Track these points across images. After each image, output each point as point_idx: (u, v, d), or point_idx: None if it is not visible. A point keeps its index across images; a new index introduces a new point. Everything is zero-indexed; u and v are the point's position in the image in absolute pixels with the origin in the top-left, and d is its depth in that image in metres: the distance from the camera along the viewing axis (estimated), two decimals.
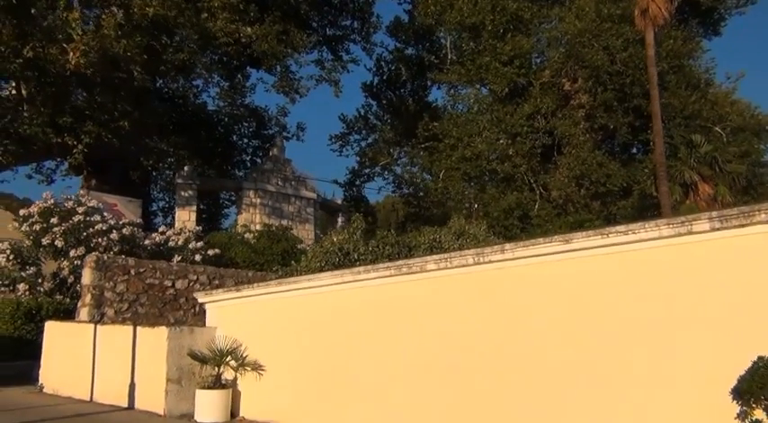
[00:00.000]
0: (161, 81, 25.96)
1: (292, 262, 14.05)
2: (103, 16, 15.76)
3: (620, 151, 27.07)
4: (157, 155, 26.43)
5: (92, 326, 10.10)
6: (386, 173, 34.69)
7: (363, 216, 32.21)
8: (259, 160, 26.50)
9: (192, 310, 11.91)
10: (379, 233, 15.37)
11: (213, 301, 9.93)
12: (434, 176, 29.66)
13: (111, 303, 11.27)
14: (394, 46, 33.09)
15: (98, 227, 13.97)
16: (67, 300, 13.51)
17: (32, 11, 14.87)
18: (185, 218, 21.07)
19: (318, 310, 8.49)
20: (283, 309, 8.98)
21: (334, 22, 29.70)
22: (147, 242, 14.81)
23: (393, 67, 33.47)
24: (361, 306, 7.94)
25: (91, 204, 15.17)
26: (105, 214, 15.12)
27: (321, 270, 13.30)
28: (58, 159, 25.74)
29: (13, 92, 20.11)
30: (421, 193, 33.37)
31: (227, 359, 8.98)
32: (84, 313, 11.12)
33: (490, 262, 6.65)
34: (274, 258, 16.62)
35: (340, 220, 24.87)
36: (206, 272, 12.63)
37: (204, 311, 10.24)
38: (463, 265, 6.84)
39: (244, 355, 8.99)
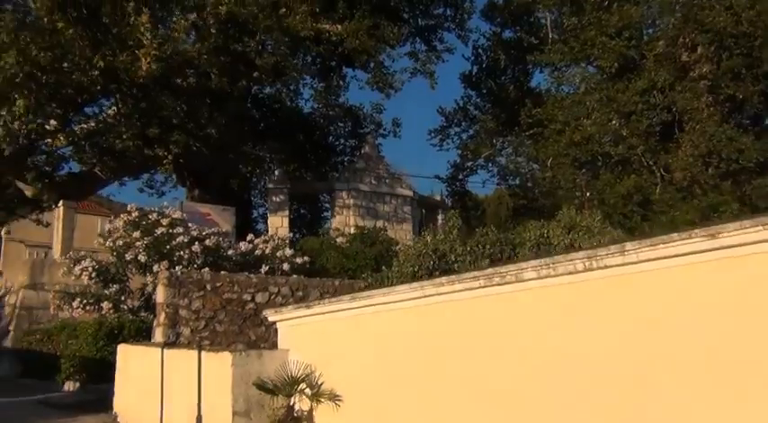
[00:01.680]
0: (256, 87, 25.83)
1: (383, 267, 12.81)
2: (174, 19, 15.30)
3: (752, 123, 24.10)
4: (255, 161, 26.32)
5: (159, 349, 9.27)
6: (490, 165, 33.14)
7: (470, 211, 30.91)
8: (355, 160, 25.66)
9: (274, 326, 10.89)
10: (479, 231, 13.84)
11: (284, 320, 8.81)
12: (541, 165, 27.88)
13: (187, 322, 10.45)
14: (490, 30, 31.44)
15: (180, 239, 13.32)
16: (152, 317, 12.95)
17: (104, 20, 14.56)
18: (278, 224, 20.36)
19: (398, 330, 7.13)
20: (359, 328, 7.69)
21: (426, 12, 28.39)
22: (231, 252, 14.03)
23: (491, 54, 31.85)
24: (447, 324, 6.50)
25: (175, 216, 14.59)
26: (190, 225, 14.49)
27: (414, 276, 12.01)
28: (167, 173, 26.18)
29: (113, 108, 20.31)
30: (528, 184, 31.54)
31: (302, 387, 7.80)
32: (158, 333, 10.37)
33: (606, 267, 5.03)
34: (367, 263, 15.47)
35: (440, 217, 23.42)
36: (288, 283, 11.57)
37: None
38: (570, 273, 5.25)
39: (319, 383, 7.77)
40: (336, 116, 29.54)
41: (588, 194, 22.59)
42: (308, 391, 7.81)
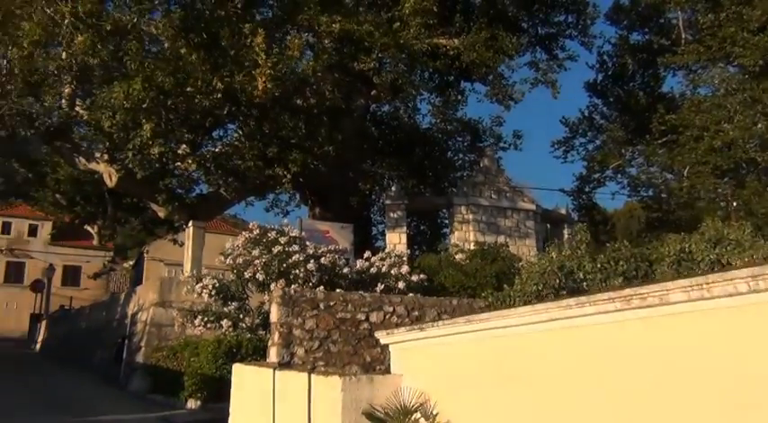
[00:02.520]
0: (374, 105, 25.97)
1: (505, 285, 12.02)
2: (288, 38, 15.47)
3: None
4: (374, 178, 26.34)
5: (270, 370, 9.03)
6: (619, 176, 31.27)
7: (599, 225, 29.24)
8: (474, 174, 25.00)
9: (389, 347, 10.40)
10: (610, 246, 12.71)
11: (397, 342, 8.29)
12: (677, 175, 25.99)
13: (301, 342, 10.16)
14: (616, 34, 29.86)
15: (295, 258, 13.20)
16: (268, 336, 12.86)
17: (222, 43, 14.92)
18: (395, 240, 20.01)
19: (519, 357, 6.39)
20: (476, 353, 7.00)
21: (546, 20, 27.39)
22: (346, 270, 13.75)
23: (617, 60, 30.21)
24: (576, 352, 5.71)
25: (293, 234, 14.54)
26: (307, 243, 14.38)
27: (538, 295, 11.17)
28: (290, 192, 26.81)
29: (237, 132, 20.99)
30: (663, 196, 29.45)
31: (416, 417, 7.21)
32: (273, 353, 10.14)
33: None
34: (488, 281, 14.68)
35: (566, 232, 22.20)
36: (403, 302, 11.04)
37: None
38: (730, 295, 4.36)
39: (434, 413, 7.16)
40: (455, 130, 29.06)
41: (734, 205, 20.64)
42: (422, 421, 7.21)
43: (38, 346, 36.41)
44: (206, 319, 13.70)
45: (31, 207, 49.14)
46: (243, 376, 10.13)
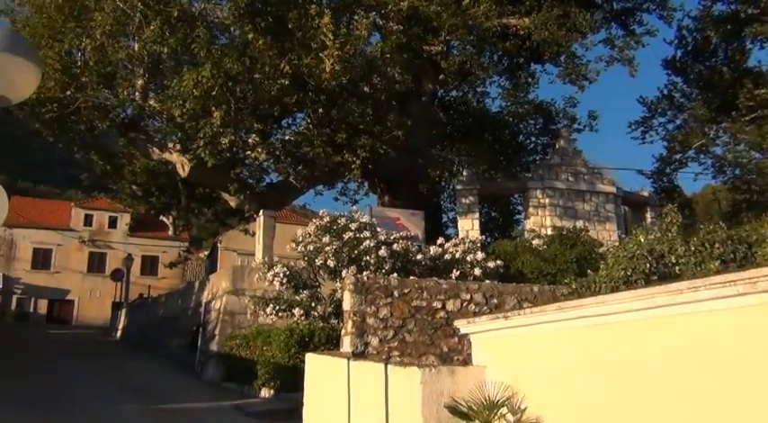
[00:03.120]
0: (442, 90, 25.44)
1: (588, 271, 11.32)
2: (356, 18, 15.08)
3: None
4: (443, 164, 25.81)
5: (345, 361, 8.68)
6: (702, 156, 29.52)
7: (679, 209, 27.78)
8: (548, 157, 24.11)
9: (467, 337, 9.91)
10: (703, 228, 11.78)
11: (478, 332, 7.78)
12: (767, 152, 24.37)
13: (375, 331, 9.79)
14: (699, 5, 28.13)
15: (366, 244, 12.82)
16: (341, 324, 12.57)
17: (289, 26, 14.66)
18: (468, 226, 19.41)
19: (617, 347, 5.79)
20: (568, 343, 6.43)
21: None
22: (419, 257, 13.28)
23: (698, 35, 28.47)
24: (691, 344, 5.07)
25: (364, 220, 14.18)
26: (378, 229, 14.00)
27: (627, 280, 10.45)
28: (358, 180, 26.61)
29: (307, 119, 20.85)
30: (751, 176, 27.67)
31: (502, 412, 6.70)
32: (346, 343, 9.81)
33: None
34: (568, 267, 13.97)
35: (649, 215, 21.06)
36: (481, 289, 10.51)
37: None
38: None
39: (522, 407, 6.63)
40: (526, 113, 28.11)
41: None
42: (509, 416, 6.69)
43: (118, 333, 37.58)
44: (277, 307, 13.49)
45: (110, 199, 51.01)
46: (316, 366, 9.84)
